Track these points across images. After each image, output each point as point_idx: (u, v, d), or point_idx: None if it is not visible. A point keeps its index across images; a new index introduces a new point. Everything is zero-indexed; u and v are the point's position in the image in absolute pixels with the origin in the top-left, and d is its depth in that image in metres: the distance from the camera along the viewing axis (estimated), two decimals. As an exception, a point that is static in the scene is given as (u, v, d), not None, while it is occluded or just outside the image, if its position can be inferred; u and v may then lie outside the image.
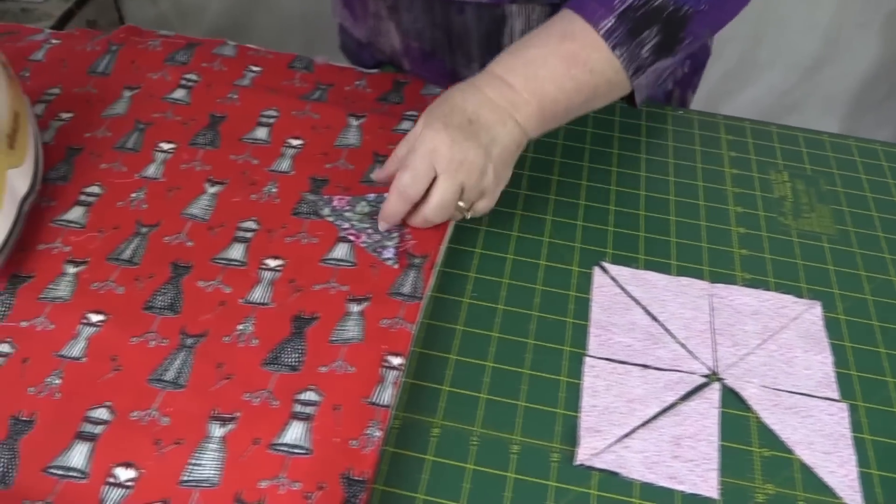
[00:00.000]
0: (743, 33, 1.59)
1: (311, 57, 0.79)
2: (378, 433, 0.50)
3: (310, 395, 0.52)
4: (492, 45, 0.75)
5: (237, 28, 1.75)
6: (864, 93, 1.67)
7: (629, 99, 0.67)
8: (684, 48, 0.62)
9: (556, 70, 0.60)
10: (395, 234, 0.61)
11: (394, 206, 0.60)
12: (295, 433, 0.50)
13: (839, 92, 1.68)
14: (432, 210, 0.59)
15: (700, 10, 0.60)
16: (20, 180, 0.58)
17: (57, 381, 0.52)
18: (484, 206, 0.62)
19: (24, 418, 0.50)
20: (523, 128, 0.60)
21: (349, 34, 0.90)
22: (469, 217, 0.62)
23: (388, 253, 0.60)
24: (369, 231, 0.62)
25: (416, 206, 0.60)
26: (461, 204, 0.60)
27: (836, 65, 1.63)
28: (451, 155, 0.57)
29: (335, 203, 0.64)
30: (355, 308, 0.57)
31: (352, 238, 0.61)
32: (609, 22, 0.59)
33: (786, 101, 1.70)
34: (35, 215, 0.62)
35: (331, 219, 0.62)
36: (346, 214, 0.63)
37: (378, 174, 0.64)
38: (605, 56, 0.60)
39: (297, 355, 0.54)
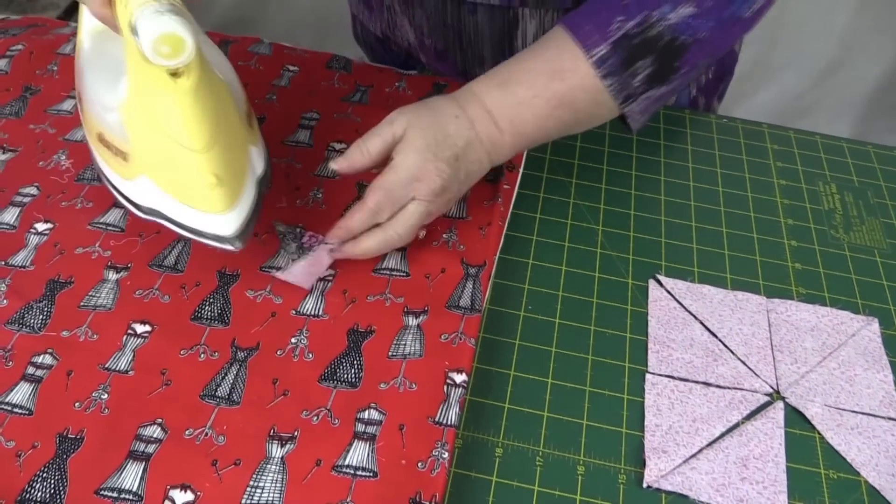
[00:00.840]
0: (758, 36, 1.57)
1: (348, 57, 0.77)
2: (446, 454, 0.48)
3: (372, 414, 0.50)
4: (504, 47, 0.73)
5: (245, 22, 1.72)
6: (877, 98, 1.67)
7: (624, 121, 0.63)
8: (680, 77, 0.59)
9: (541, 111, 0.58)
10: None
11: (359, 222, 0.57)
12: (359, 454, 0.48)
13: (852, 96, 1.67)
14: (397, 230, 0.57)
15: (698, 38, 0.57)
16: (258, 160, 0.54)
17: (104, 396, 0.50)
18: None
19: (72, 436, 0.48)
20: (493, 162, 0.60)
21: (366, 27, 0.88)
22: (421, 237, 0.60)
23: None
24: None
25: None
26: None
27: (850, 69, 1.62)
28: (433, 188, 0.56)
29: (304, 240, 0.59)
30: (413, 321, 0.55)
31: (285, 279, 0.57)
32: (602, 50, 0.56)
33: (799, 105, 1.70)
34: (71, 217, 0.60)
35: (294, 256, 0.58)
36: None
37: (340, 164, 0.58)
38: (591, 96, 0.58)
39: (355, 371, 0.52)
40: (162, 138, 0.47)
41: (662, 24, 0.56)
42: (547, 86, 0.57)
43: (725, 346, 0.59)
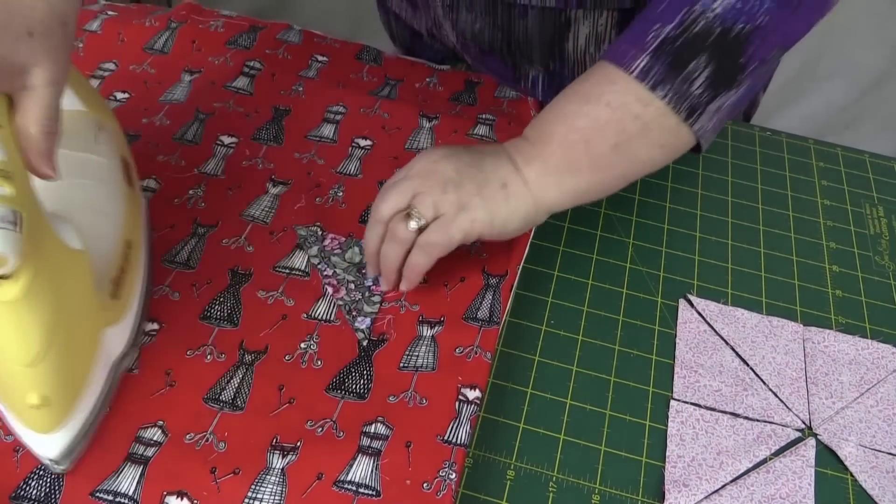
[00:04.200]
0: (804, 43, 1.52)
1: (378, 49, 0.75)
2: (453, 475, 0.46)
3: (378, 428, 0.48)
4: (554, 50, 0.70)
5: (279, 7, 1.70)
6: (925, 113, 1.61)
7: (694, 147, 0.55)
8: (750, 75, 0.51)
9: (587, 132, 0.52)
10: (377, 301, 0.55)
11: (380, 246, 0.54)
12: (363, 470, 0.46)
13: (899, 110, 1.62)
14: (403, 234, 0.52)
15: (758, 24, 0.49)
16: (117, 339, 0.48)
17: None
18: None
19: (71, 434, 0.46)
20: (520, 165, 0.53)
21: (405, 25, 0.85)
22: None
23: (362, 324, 0.53)
24: (351, 287, 0.55)
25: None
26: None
27: (899, 82, 1.57)
28: (431, 171, 0.52)
29: (326, 242, 0.57)
30: (427, 332, 0.53)
31: (330, 290, 0.55)
32: (642, 62, 0.50)
33: (843, 117, 1.64)
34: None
35: (315, 260, 0.56)
36: (334, 259, 0.56)
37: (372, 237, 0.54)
38: (644, 122, 0.51)
39: (364, 382, 0.50)
40: None
41: (707, 16, 0.49)
42: (589, 112, 0.52)
43: (757, 375, 0.56)
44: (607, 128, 0.51)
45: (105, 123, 0.54)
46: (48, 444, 0.43)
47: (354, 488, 0.45)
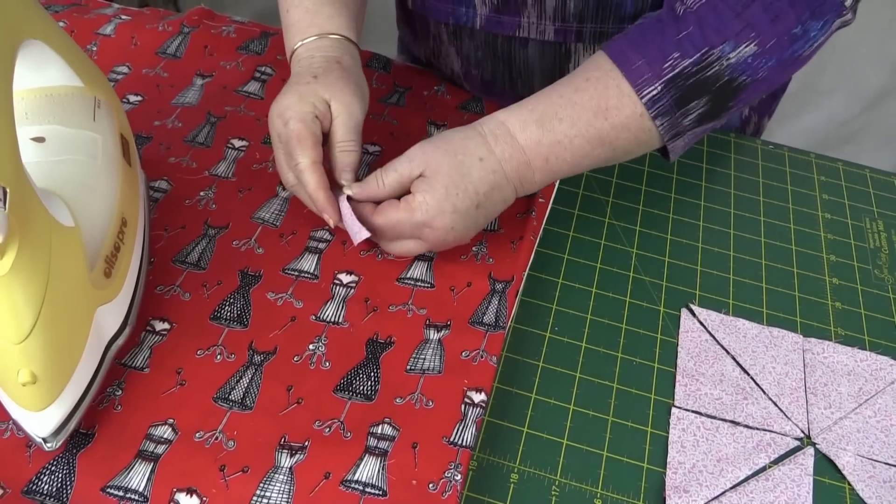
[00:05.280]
0: (806, 58, 1.54)
1: (388, 56, 0.76)
2: (458, 477, 0.47)
3: (385, 429, 0.48)
4: (555, 79, 0.70)
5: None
6: (926, 129, 1.62)
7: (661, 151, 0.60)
8: (729, 114, 0.57)
9: (580, 151, 0.55)
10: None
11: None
12: (369, 470, 0.47)
13: (900, 126, 1.63)
14: (387, 249, 0.58)
15: (757, 78, 0.54)
16: (111, 318, 0.48)
17: (118, 393, 0.49)
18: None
19: (83, 430, 0.47)
20: (521, 195, 0.57)
21: (407, 49, 0.87)
22: None
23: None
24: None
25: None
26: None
27: (900, 98, 1.58)
28: (442, 238, 0.54)
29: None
30: (434, 335, 0.54)
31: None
32: (654, 90, 0.53)
33: (843, 132, 1.65)
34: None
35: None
36: None
37: (356, 190, 0.56)
38: (634, 135, 0.55)
39: (371, 383, 0.51)
40: None
41: (722, 63, 0.53)
42: (590, 124, 0.54)
43: (757, 384, 0.57)
44: (600, 162, 0.57)
45: (103, 99, 0.54)
46: (39, 422, 0.43)
47: (361, 488, 0.46)
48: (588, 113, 0.54)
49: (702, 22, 0.53)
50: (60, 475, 0.45)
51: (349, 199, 0.55)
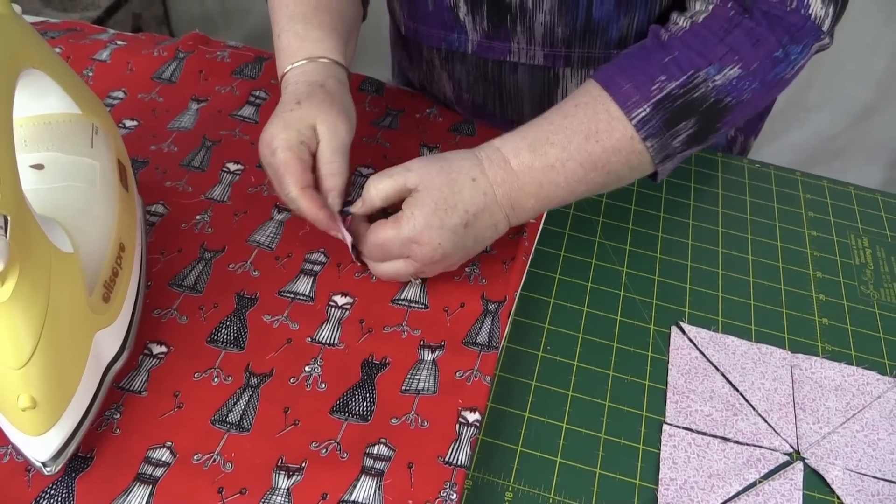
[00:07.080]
0: (793, 75, 1.56)
1: (380, 80, 0.77)
2: (454, 496, 0.47)
3: (381, 450, 0.49)
4: (544, 104, 0.72)
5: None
6: (911, 144, 1.65)
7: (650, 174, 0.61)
8: (716, 136, 0.58)
9: (573, 175, 0.56)
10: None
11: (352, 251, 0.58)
12: (366, 490, 0.47)
13: (886, 141, 1.65)
14: (381, 274, 0.58)
15: (742, 100, 0.56)
16: (109, 342, 0.49)
17: (117, 416, 0.49)
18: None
19: (82, 454, 0.47)
20: (513, 224, 0.58)
21: (402, 73, 0.88)
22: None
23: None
24: None
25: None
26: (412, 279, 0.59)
27: (885, 114, 1.60)
28: (430, 255, 0.54)
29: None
30: (428, 356, 0.54)
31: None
32: (643, 111, 0.55)
33: (830, 147, 1.67)
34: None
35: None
36: None
37: (357, 209, 0.57)
38: (625, 157, 0.56)
39: (367, 404, 0.51)
40: None
41: (708, 85, 0.54)
42: (582, 147, 0.55)
43: (746, 400, 0.58)
44: (595, 188, 0.58)
45: (101, 126, 0.55)
46: (39, 446, 0.44)
47: (357, 508, 0.46)
48: (579, 137, 0.55)
49: (687, 47, 0.55)
50: (59, 499, 0.45)
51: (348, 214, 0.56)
